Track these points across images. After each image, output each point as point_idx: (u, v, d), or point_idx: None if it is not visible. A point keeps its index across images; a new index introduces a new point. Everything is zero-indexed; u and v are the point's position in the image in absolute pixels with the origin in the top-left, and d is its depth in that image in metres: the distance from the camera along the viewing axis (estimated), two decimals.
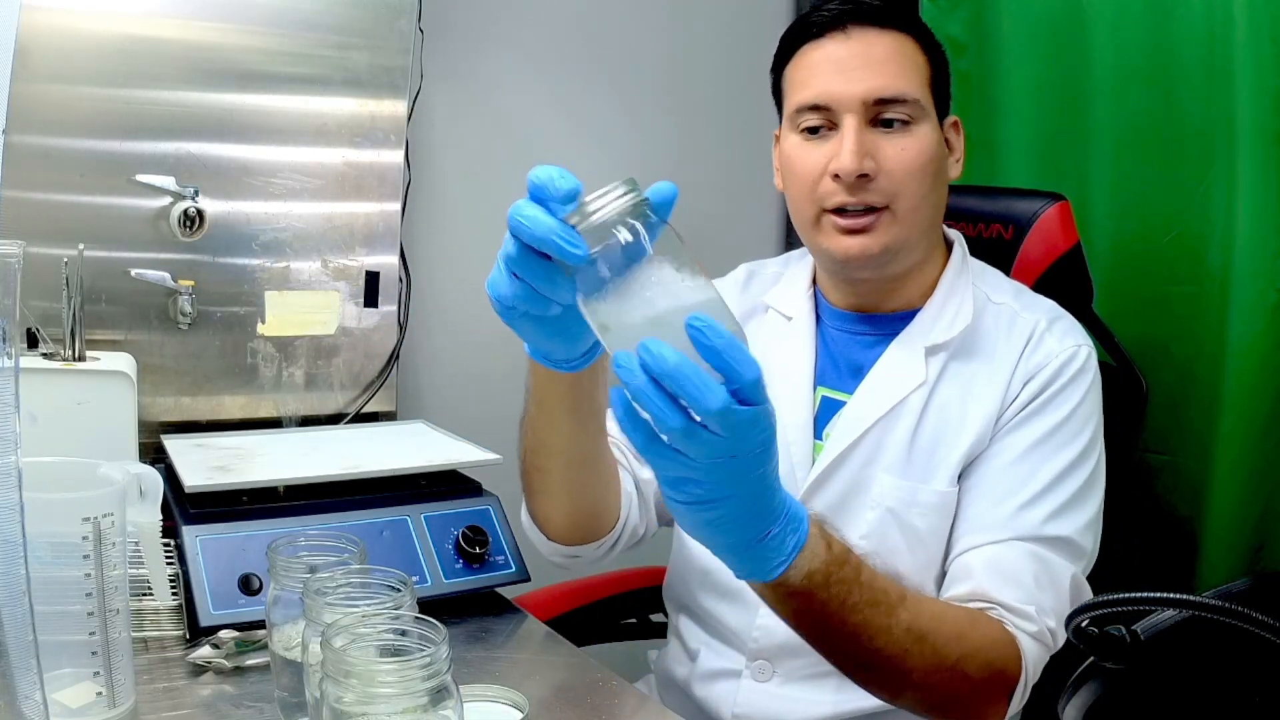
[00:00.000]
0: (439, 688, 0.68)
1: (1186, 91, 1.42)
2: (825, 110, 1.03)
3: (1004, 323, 1.07)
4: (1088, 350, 1.05)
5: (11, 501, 0.68)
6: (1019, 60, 1.64)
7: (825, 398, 1.11)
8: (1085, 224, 1.48)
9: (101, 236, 1.31)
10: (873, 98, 1.01)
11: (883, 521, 1.04)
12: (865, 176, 1.01)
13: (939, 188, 1.06)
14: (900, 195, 1.02)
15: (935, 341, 1.06)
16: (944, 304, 1.08)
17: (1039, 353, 1.04)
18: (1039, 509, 0.99)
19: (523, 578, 1.17)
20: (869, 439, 1.06)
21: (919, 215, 1.04)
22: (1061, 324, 1.07)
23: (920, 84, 1.03)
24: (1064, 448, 1.01)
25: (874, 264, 1.06)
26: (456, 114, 1.69)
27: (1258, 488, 1.38)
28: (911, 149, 1.02)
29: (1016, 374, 1.04)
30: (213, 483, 1.12)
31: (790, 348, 1.14)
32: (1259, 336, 1.35)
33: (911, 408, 1.05)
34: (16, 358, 0.69)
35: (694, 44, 1.88)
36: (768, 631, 1.07)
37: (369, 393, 1.54)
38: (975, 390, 1.04)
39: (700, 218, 1.99)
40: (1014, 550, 0.98)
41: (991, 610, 0.96)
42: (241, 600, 1.02)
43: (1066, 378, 1.03)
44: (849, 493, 1.06)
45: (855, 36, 1.03)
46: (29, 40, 1.24)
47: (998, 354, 1.05)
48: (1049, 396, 1.02)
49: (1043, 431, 1.01)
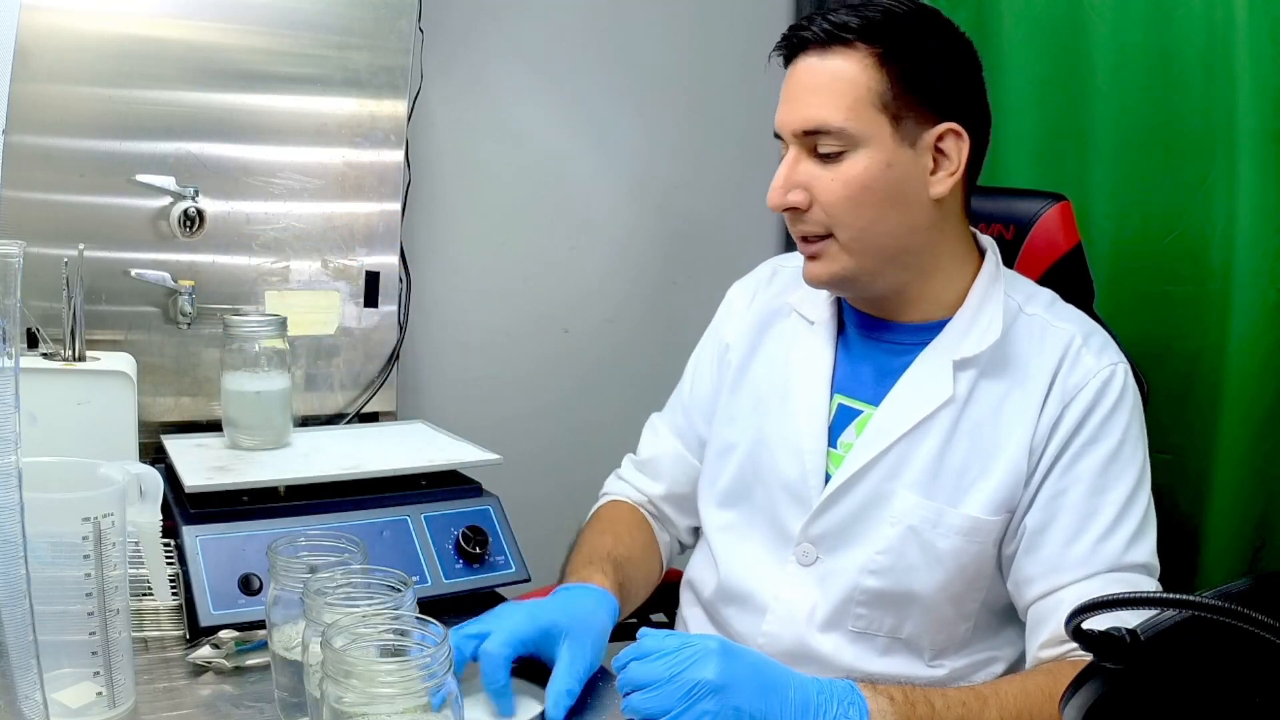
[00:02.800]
0: (439, 688, 0.68)
1: (1186, 91, 1.42)
2: (782, 140, 1.04)
3: (1035, 336, 1.04)
4: (1124, 368, 1.03)
5: (11, 501, 0.68)
6: (1019, 60, 1.64)
7: (842, 405, 1.09)
8: (1086, 224, 1.48)
9: (101, 236, 1.31)
10: (800, 130, 1.01)
11: (903, 539, 1.02)
12: (795, 209, 1.02)
13: (897, 211, 1.01)
14: (837, 226, 1.01)
15: (964, 355, 1.03)
16: (975, 316, 1.05)
17: (1076, 373, 1.02)
18: (1115, 540, 0.98)
19: (523, 578, 1.17)
20: (893, 453, 1.04)
21: (868, 243, 1.01)
22: (1096, 340, 1.05)
23: (856, 108, 0.98)
24: (1124, 474, 1.00)
25: (835, 287, 1.07)
26: (456, 114, 1.69)
27: (1258, 488, 1.38)
28: (839, 179, 0.99)
29: (1052, 395, 1.01)
30: (213, 483, 1.12)
31: (810, 353, 1.12)
32: (1260, 336, 1.34)
33: (940, 425, 1.03)
34: (16, 358, 0.69)
35: (694, 43, 1.88)
36: (773, 638, 1.07)
37: (369, 393, 1.54)
38: (1008, 411, 1.02)
39: (699, 217, 1.99)
40: (1099, 583, 0.97)
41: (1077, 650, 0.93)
42: (241, 600, 1.02)
43: (1111, 401, 1.01)
44: (867, 505, 1.04)
45: (800, 66, 1.03)
46: (29, 40, 1.24)
47: (1030, 372, 1.03)
48: (1098, 424, 1.00)
49: (1101, 461, 1.00)
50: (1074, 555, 0.98)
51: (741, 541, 1.13)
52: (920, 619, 1.03)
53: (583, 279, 1.85)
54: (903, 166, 1.00)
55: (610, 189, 1.86)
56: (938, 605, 1.02)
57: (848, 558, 1.05)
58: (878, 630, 1.04)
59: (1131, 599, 0.56)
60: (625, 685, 0.85)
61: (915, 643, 1.04)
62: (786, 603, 1.07)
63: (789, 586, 1.07)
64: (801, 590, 1.07)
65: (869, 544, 1.03)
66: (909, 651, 1.04)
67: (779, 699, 0.84)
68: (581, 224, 1.84)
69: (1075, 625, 0.58)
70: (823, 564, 1.06)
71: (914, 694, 0.89)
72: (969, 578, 1.02)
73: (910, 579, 1.02)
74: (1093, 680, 0.59)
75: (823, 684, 0.87)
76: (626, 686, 0.85)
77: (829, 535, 1.06)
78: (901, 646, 1.04)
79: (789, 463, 1.09)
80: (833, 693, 0.86)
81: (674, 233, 1.89)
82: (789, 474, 1.09)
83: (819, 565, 1.06)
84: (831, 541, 1.06)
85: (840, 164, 0.99)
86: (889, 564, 1.02)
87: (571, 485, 1.70)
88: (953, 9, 1.75)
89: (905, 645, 1.04)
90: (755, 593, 1.09)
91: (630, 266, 1.87)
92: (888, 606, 1.03)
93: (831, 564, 1.06)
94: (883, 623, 1.04)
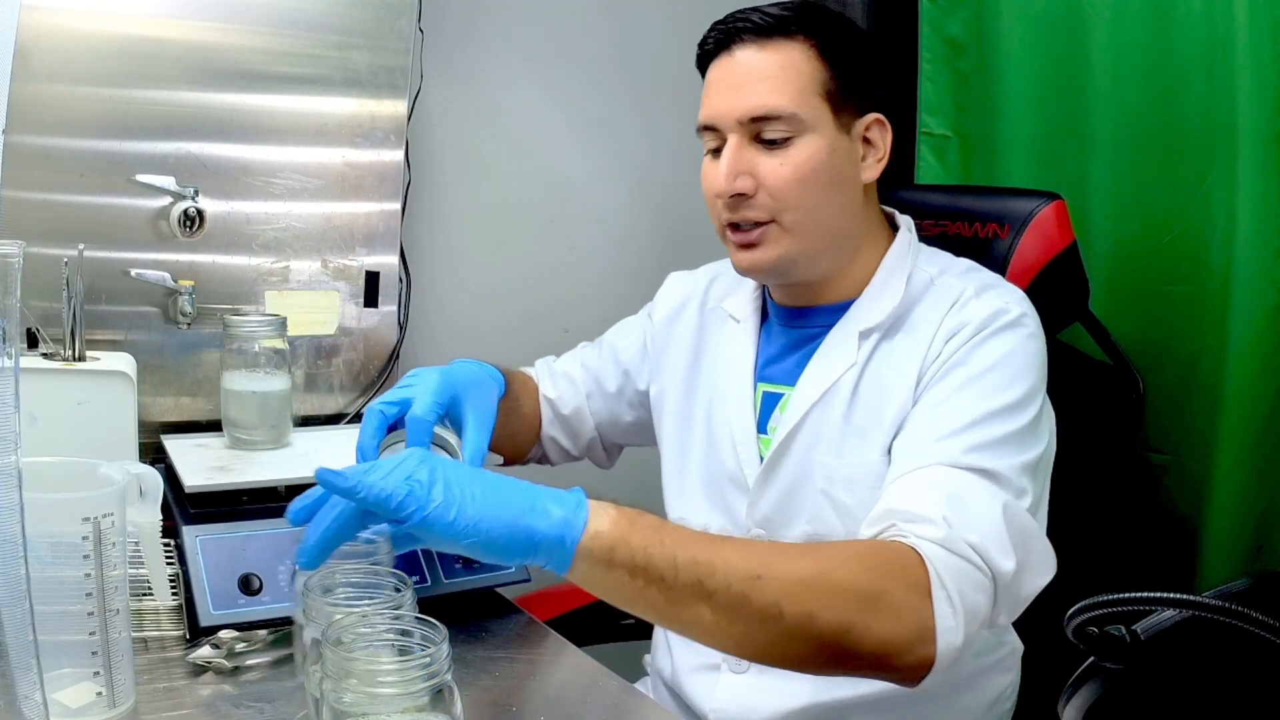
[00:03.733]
0: (439, 688, 0.68)
1: (1186, 91, 1.42)
2: (715, 131, 1.05)
3: (938, 297, 1.06)
4: (1020, 310, 1.02)
5: (11, 501, 0.68)
6: (1019, 60, 1.64)
7: (766, 393, 1.13)
8: (1085, 224, 1.48)
9: (101, 236, 1.31)
10: (748, 116, 1.02)
11: (817, 504, 1.05)
12: (743, 195, 1.03)
13: (840, 195, 1.05)
14: (784, 210, 1.03)
15: (867, 325, 1.06)
16: (881, 289, 1.08)
17: (963, 313, 1.02)
18: (957, 441, 0.94)
19: (523, 578, 1.17)
20: (807, 426, 1.07)
21: (812, 226, 1.04)
22: (994, 292, 1.04)
23: (802, 95, 1.02)
24: (990, 395, 0.96)
25: (773, 274, 1.08)
26: (456, 114, 1.69)
27: (1258, 487, 1.38)
28: (789, 163, 1.02)
29: (938, 335, 1.02)
30: (213, 483, 1.12)
31: (734, 348, 1.17)
32: (1259, 336, 1.35)
33: (843, 389, 1.06)
34: (16, 358, 0.69)
35: (693, 43, 1.88)
36: None
37: (369, 393, 1.54)
38: (899, 361, 1.04)
39: (698, 217, 1.99)
40: (923, 473, 0.93)
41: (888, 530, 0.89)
42: (241, 600, 1.02)
43: (991, 329, 1.00)
44: (797, 482, 1.07)
45: (738, 54, 1.05)
46: (29, 40, 1.24)
47: (922, 322, 1.05)
48: (971, 347, 0.99)
49: (965, 378, 0.98)
50: (908, 453, 0.96)
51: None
52: None
53: (582, 279, 1.85)
54: (842, 152, 1.05)
55: (610, 189, 1.86)
56: None
57: (791, 535, 1.08)
58: None
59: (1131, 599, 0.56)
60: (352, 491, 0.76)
61: None
62: None
63: None
64: None
65: (806, 518, 1.06)
66: None
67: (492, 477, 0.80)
68: (581, 224, 1.85)
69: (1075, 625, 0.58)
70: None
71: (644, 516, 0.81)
72: None
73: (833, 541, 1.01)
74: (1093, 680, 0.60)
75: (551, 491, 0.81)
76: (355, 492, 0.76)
77: (772, 516, 1.09)
78: None
79: (728, 453, 1.13)
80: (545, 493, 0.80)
81: (673, 233, 1.89)
82: (729, 464, 1.13)
83: None
84: (776, 521, 1.09)
85: (788, 150, 1.02)
86: (814, 531, 1.05)
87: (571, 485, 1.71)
88: (951, 8, 1.76)
89: None
90: None
91: (630, 266, 1.87)
92: None
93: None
94: None
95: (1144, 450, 1.47)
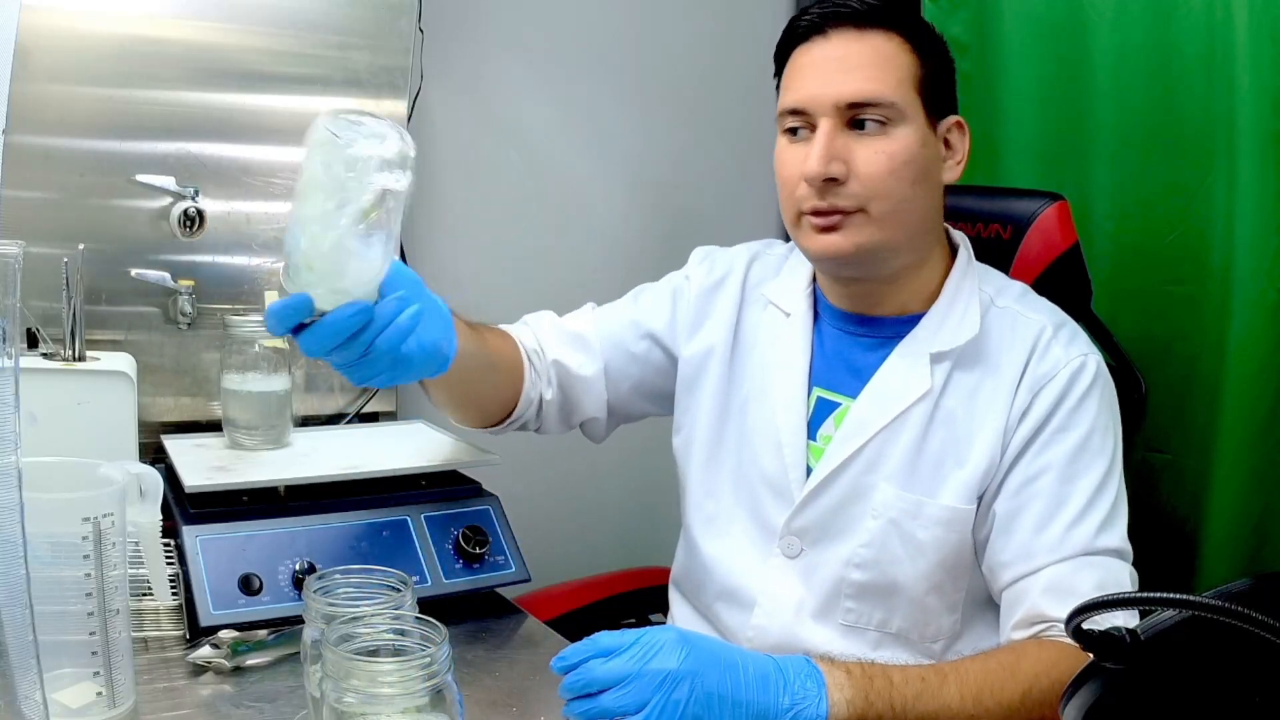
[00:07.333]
0: (439, 688, 0.68)
1: (1186, 91, 1.42)
2: (804, 114, 1.03)
3: (1007, 328, 1.06)
4: (1095, 359, 1.04)
5: (11, 501, 0.68)
6: (1020, 60, 1.64)
7: (821, 398, 1.10)
8: (1086, 224, 1.48)
9: (101, 236, 1.31)
10: (845, 101, 1.01)
11: (884, 531, 1.04)
12: (834, 180, 1.01)
13: (925, 191, 1.04)
14: (874, 198, 1.01)
15: (940, 349, 1.05)
16: (949, 309, 1.07)
17: (1045, 362, 1.03)
18: (1086, 525, 0.98)
19: (523, 578, 1.17)
20: (871, 446, 1.05)
21: (900, 218, 1.02)
22: (1066, 331, 1.06)
23: (901, 86, 1.01)
24: (1095, 462, 1.00)
25: (850, 263, 1.05)
26: (456, 114, 1.69)
27: (1258, 488, 1.38)
28: (884, 152, 1.00)
29: (1023, 385, 1.02)
30: (213, 483, 1.12)
31: (787, 345, 1.13)
32: (1259, 336, 1.35)
33: (916, 418, 1.04)
34: (16, 358, 0.69)
35: (694, 42, 1.89)
36: (762, 631, 1.08)
37: (369, 393, 1.53)
38: (981, 401, 1.03)
39: (697, 216, 2.00)
40: (1070, 567, 0.98)
41: (1048, 630, 0.96)
42: (241, 600, 1.02)
43: (1080, 390, 1.02)
44: (849, 498, 1.05)
45: (835, 40, 1.03)
46: (29, 40, 1.24)
47: (1001, 362, 1.04)
48: (1067, 413, 1.01)
49: (1071, 449, 1.00)
50: (1045, 541, 0.99)
51: (723, 536, 1.13)
52: (907, 611, 1.04)
53: (581, 277, 1.85)
54: (931, 147, 1.04)
55: (609, 188, 1.86)
56: (922, 596, 1.03)
57: (831, 551, 1.06)
58: (867, 624, 1.05)
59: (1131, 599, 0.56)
60: (591, 685, 0.82)
61: (905, 636, 1.05)
62: (773, 596, 1.08)
63: (775, 580, 1.08)
64: (788, 583, 1.07)
65: (852, 537, 1.05)
66: (900, 646, 1.05)
67: (739, 676, 0.84)
68: (580, 222, 1.84)
69: (1075, 625, 0.58)
70: (808, 556, 1.07)
71: (872, 669, 0.89)
72: (950, 568, 1.03)
73: (894, 571, 1.03)
74: (1093, 680, 0.60)
75: (779, 659, 0.87)
76: (592, 686, 0.82)
77: (812, 528, 1.07)
78: (892, 641, 1.05)
79: (769, 456, 1.10)
80: (790, 666, 0.86)
81: (672, 231, 1.89)
82: (769, 468, 1.10)
83: (804, 558, 1.07)
84: (815, 534, 1.07)
85: (884, 138, 1.01)
86: (873, 557, 1.04)
87: (571, 485, 1.71)
88: (953, 9, 1.76)
89: (896, 640, 1.05)
90: (742, 587, 1.10)
91: (628, 265, 1.87)
92: (874, 599, 1.04)
93: (816, 556, 1.06)
94: (871, 616, 1.05)
95: (1144, 450, 1.46)
